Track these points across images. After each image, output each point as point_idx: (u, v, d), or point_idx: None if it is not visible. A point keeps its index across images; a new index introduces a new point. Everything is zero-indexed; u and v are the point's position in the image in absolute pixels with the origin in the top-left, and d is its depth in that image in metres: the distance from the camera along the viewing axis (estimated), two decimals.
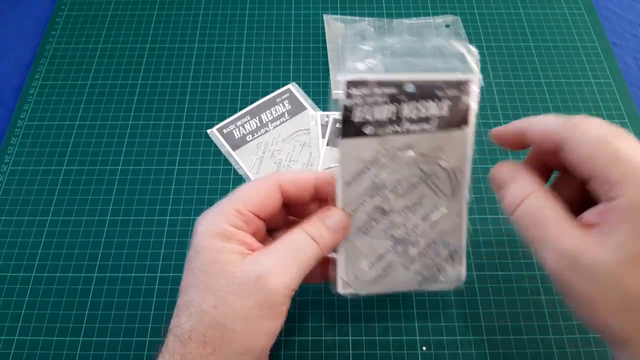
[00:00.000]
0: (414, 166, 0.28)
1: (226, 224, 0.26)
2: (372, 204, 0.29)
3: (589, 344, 0.35)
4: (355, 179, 0.28)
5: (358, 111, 0.27)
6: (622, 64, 0.49)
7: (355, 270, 0.29)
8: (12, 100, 0.47)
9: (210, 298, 0.24)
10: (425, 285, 0.30)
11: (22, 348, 0.35)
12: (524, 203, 0.25)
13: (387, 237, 0.29)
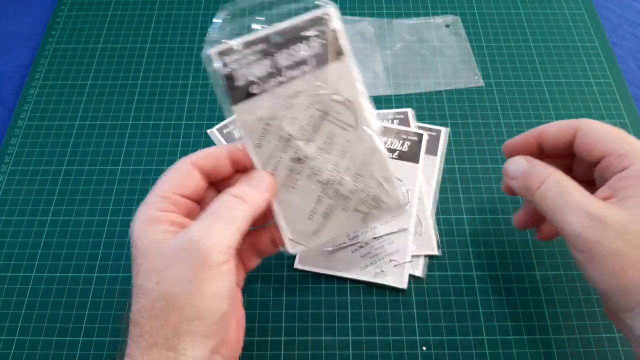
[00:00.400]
0: (311, 108, 0.29)
1: (153, 210, 0.26)
2: (288, 157, 0.29)
3: (589, 344, 0.35)
4: (262, 140, 0.29)
5: (238, 75, 0.28)
6: (622, 64, 0.49)
7: (297, 226, 0.30)
8: (12, 100, 0.47)
9: (152, 276, 0.25)
10: (369, 220, 0.30)
11: (22, 348, 0.35)
12: (549, 178, 0.27)
13: (314, 184, 0.29)
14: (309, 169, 0.29)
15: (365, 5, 0.53)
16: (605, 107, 0.46)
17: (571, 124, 0.29)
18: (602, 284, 0.25)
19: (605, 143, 0.27)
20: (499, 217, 0.40)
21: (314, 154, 0.29)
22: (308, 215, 0.30)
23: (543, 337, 0.35)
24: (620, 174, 0.26)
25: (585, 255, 0.25)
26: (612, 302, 0.26)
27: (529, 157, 0.29)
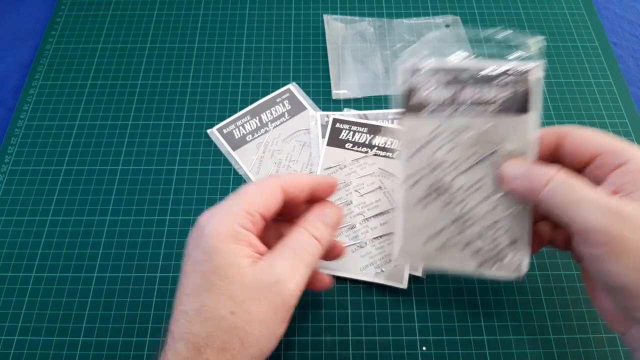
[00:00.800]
0: (474, 147, 0.29)
1: (237, 225, 0.26)
2: (431, 180, 0.30)
3: (589, 344, 0.35)
4: (414, 155, 0.30)
5: (416, 94, 0.30)
6: (622, 64, 0.49)
7: (412, 243, 0.31)
8: (12, 100, 0.47)
9: (228, 303, 0.24)
10: (482, 269, 0.30)
11: (22, 348, 0.35)
12: (557, 176, 0.26)
13: (445, 214, 0.30)
14: (447, 198, 0.30)
15: (365, 5, 0.53)
16: (605, 107, 0.46)
17: (556, 129, 0.29)
18: (623, 278, 0.24)
19: (597, 142, 0.27)
20: None
21: (458, 188, 0.30)
22: (426, 239, 0.30)
23: (543, 337, 0.35)
24: (620, 170, 0.26)
25: (605, 249, 0.24)
26: (627, 299, 0.25)
27: (528, 161, 0.29)
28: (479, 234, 0.30)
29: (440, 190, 0.30)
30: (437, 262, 0.30)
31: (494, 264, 0.30)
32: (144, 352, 0.35)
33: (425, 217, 0.30)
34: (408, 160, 0.30)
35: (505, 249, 0.30)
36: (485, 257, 0.30)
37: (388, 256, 0.37)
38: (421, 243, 0.30)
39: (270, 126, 0.45)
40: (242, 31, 0.51)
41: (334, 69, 0.48)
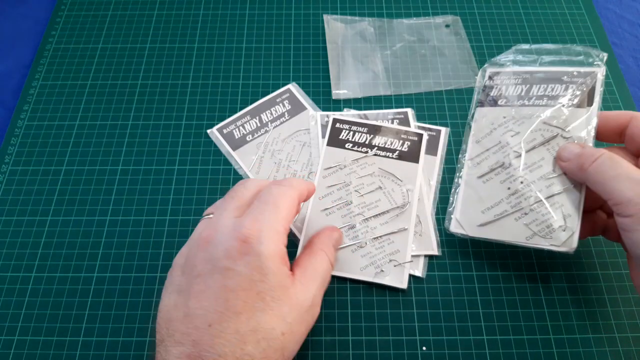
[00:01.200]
0: (537, 132, 0.34)
1: (283, 245, 0.27)
2: (495, 159, 0.35)
3: (589, 344, 0.35)
4: (483, 138, 0.36)
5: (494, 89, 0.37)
6: (622, 64, 0.49)
7: (469, 212, 0.35)
8: (12, 100, 0.47)
9: (281, 325, 0.25)
10: (533, 240, 0.32)
11: (22, 348, 0.35)
12: (603, 155, 0.29)
13: (504, 189, 0.34)
14: (507, 175, 0.34)
15: (365, 5, 0.53)
16: (605, 107, 0.46)
17: (628, 113, 0.32)
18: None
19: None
20: None
21: (518, 165, 0.34)
22: (483, 209, 0.34)
23: (543, 337, 0.35)
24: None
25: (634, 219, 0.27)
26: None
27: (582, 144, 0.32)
28: (534, 208, 0.32)
29: (502, 167, 0.34)
30: (490, 232, 0.33)
31: (545, 236, 0.32)
32: (144, 352, 0.35)
33: (485, 190, 0.34)
34: (477, 143, 0.36)
35: (557, 223, 0.32)
36: (537, 229, 0.32)
37: (389, 256, 0.37)
38: (479, 212, 0.34)
39: (270, 126, 0.45)
40: (242, 31, 0.51)
41: (334, 69, 0.48)
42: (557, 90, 0.34)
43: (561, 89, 0.34)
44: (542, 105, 0.34)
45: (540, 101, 0.34)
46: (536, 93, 0.35)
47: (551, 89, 0.34)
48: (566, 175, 0.33)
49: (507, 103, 0.35)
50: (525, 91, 0.35)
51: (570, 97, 0.34)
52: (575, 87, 0.34)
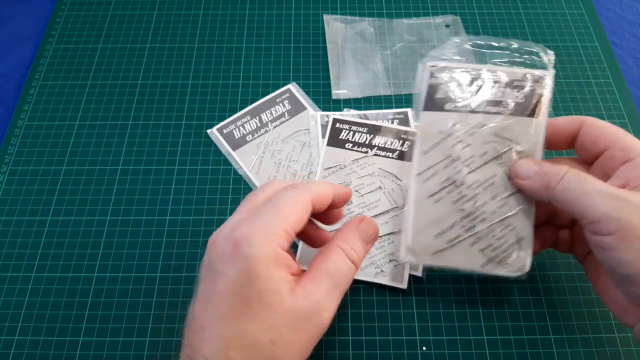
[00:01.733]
0: (489, 145, 0.31)
1: (277, 246, 0.25)
2: (445, 175, 0.31)
3: (589, 344, 0.35)
4: (431, 150, 0.31)
5: (440, 89, 0.32)
6: (622, 64, 0.49)
7: (421, 238, 0.31)
8: (12, 100, 0.47)
9: (269, 333, 0.24)
10: (488, 267, 0.30)
11: (22, 348, 0.35)
12: (569, 172, 0.28)
13: (456, 210, 0.30)
14: (458, 195, 0.30)
15: (365, 5, 0.53)
16: (605, 107, 0.46)
17: (577, 118, 0.31)
18: (634, 264, 0.25)
19: (609, 135, 0.29)
20: None
21: (470, 183, 0.30)
22: (436, 234, 0.30)
23: (543, 337, 0.35)
24: (629, 164, 0.27)
25: (617, 236, 0.25)
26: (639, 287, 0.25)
27: (538, 160, 0.30)
28: (488, 232, 0.30)
29: (452, 185, 0.30)
30: (444, 259, 0.30)
31: (500, 262, 0.30)
32: (144, 352, 0.35)
33: (437, 212, 0.31)
34: (424, 154, 0.31)
35: (511, 247, 0.30)
36: (492, 255, 0.30)
37: (389, 256, 0.37)
38: (431, 238, 0.31)
39: (270, 126, 0.45)
40: (242, 31, 0.51)
41: (334, 69, 0.48)
42: (508, 95, 0.31)
43: (512, 94, 0.31)
44: (493, 112, 0.31)
45: (491, 108, 0.31)
46: (485, 98, 0.31)
47: (502, 93, 0.31)
48: (520, 193, 0.30)
49: (456, 108, 0.31)
50: (474, 94, 0.31)
51: (521, 105, 0.31)
52: (525, 93, 0.31)
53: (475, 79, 0.32)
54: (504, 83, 0.31)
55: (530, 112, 0.31)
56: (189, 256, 0.38)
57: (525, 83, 0.31)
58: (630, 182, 0.27)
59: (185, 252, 0.39)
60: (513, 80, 0.31)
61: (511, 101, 0.31)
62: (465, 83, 0.31)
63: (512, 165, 0.30)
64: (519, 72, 0.31)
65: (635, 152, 0.28)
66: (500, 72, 0.32)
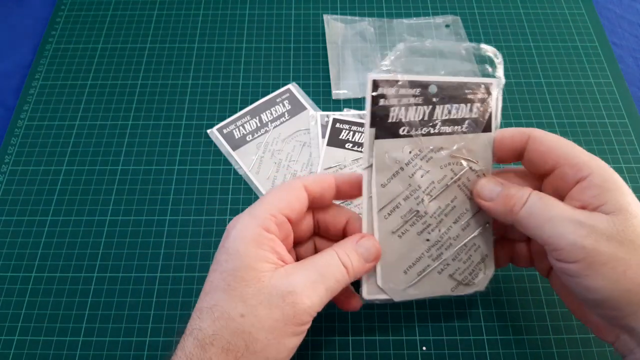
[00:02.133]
0: (446, 167, 0.29)
1: (260, 228, 0.26)
2: (408, 207, 0.29)
3: (589, 344, 0.35)
4: (389, 181, 0.28)
5: (392, 112, 0.28)
6: (622, 64, 0.49)
7: (391, 276, 0.29)
8: (12, 100, 0.47)
9: (239, 305, 0.24)
10: (458, 290, 0.30)
11: (22, 348, 0.35)
12: (532, 196, 0.26)
13: (422, 241, 0.29)
14: (423, 225, 0.29)
15: (365, 5, 0.53)
16: (605, 107, 0.46)
17: (523, 132, 0.28)
18: (602, 291, 0.24)
19: (558, 151, 0.27)
20: None
21: (433, 212, 0.29)
22: (405, 269, 0.29)
23: (543, 337, 0.35)
24: (582, 184, 0.26)
25: (583, 264, 0.24)
26: (611, 310, 0.25)
27: (499, 180, 0.29)
28: (454, 256, 0.29)
29: (416, 217, 0.29)
30: (416, 292, 0.29)
31: (468, 283, 0.30)
32: (144, 352, 0.35)
33: (403, 247, 0.29)
34: (383, 187, 0.28)
35: (477, 267, 0.30)
36: (461, 278, 0.30)
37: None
38: (401, 274, 0.29)
39: (270, 126, 0.45)
40: (242, 31, 0.51)
41: (334, 69, 0.48)
42: (462, 112, 0.28)
43: (466, 110, 0.28)
44: (449, 133, 0.28)
45: (447, 128, 0.28)
46: (440, 117, 0.28)
47: (456, 110, 0.28)
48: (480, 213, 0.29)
49: (410, 132, 0.28)
50: (428, 115, 0.28)
51: (474, 120, 0.29)
52: (478, 106, 0.29)
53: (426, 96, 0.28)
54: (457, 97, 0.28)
55: (485, 128, 0.29)
56: (189, 256, 0.38)
57: (475, 95, 0.29)
58: (589, 203, 0.25)
59: (185, 252, 0.39)
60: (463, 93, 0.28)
61: (464, 118, 0.29)
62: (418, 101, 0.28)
63: (473, 185, 0.29)
64: (468, 83, 0.28)
65: (588, 169, 0.26)
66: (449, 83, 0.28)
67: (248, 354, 0.24)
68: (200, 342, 0.24)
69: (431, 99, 0.28)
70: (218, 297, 0.25)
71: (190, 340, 0.24)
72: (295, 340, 0.26)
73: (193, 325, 0.25)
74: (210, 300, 0.25)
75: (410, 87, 0.28)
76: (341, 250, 0.27)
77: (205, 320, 0.24)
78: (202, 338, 0.24)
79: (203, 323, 0.24)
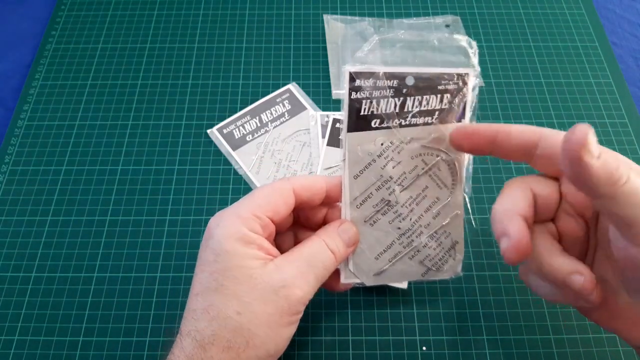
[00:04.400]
0: (418, 158, 0.29)
1: (245, 228, 0.26)
2: (379, 197, 0.30)
3: (589, 344, 0.35)
4: (362, 172, 0.29)
5: (367, 105, 0.28)
6: (622, 64, 0.49)
7: (362, 261, 0.30)
8: (12, 100, 0.47)
9: (234, 303, 0.25)
10: (428, 275, 0.31)
11: (22, 348, 0.35)
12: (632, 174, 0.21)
13: (393, 229, 0.30)
14: (394, 214, 0.30)
15: (365, 5, 0.53)
16: (605, 107, 0.46)
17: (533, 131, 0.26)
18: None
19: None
20: None
21: (404, 201, 0.30)
22: (377, 255, 0.30)
23: (543, 337, 0.35)
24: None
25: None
26: None
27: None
28: (425, 243, 0.30)
29: (387, 206, 0.30)
30: (387, 277, 0.30)
31: (438, 269, 0.31)
32: (144, 352, 0.35)
33: (374, 236, 0.30)
34: (355, 179, 0.29)
35: (447, 253, 0.30)
36: (430, 264, 0.30)
37: None
38: (372, 261, 0.30)
39: (270, 126, 0.45)
40: (242, 31, 0.51)
41: (334, 69, 0.48)
42: (433, 103, 0.29)
43: (437, 101, 0.29)
44: (421, 124, 0.29)
45: (417, 119, 0.29)
46: (412, 109, 0.29)
47: (426, 102, 0.29)
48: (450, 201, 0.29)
49: (382, 124, 0.29)
50: (399, 106, 0.28)
51: (447, 111, 0.29)
52: (450, 97, 0.29)
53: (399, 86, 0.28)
54: (428, 87, 0.28)
55: (459, 117, 0.29)
56: (189, 256, 0.38)
57: (450, 85, 0.29)
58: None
59: (185, 252, 0.39)
60: (437, 82, 0.28)
61: (435, 109, 0.29)
62: (390, 93, 0.28)
63: (572, 133, 0.20)
64: (442, 73, 0.28)
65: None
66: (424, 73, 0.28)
67: (249, 349, 0.24)
68: (199, 343, 0.24)
69: (403, 91, 0.28)
70: (212, 298, 0.25)
71: (189, 341, 0.25)
72: (291, 329, 0.26)
73: (189, 327, 0.25)
74: (204, 301, 0.25)
75: (387, 79, 0.28)
76: (327, 237, 0.28)
77: (202, 322, 0.25)
78: (201, 339, 0.24)
79: (199, 324, 0.25)
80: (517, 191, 0.26)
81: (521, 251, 0.24)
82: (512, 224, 0.24)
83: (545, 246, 0.25)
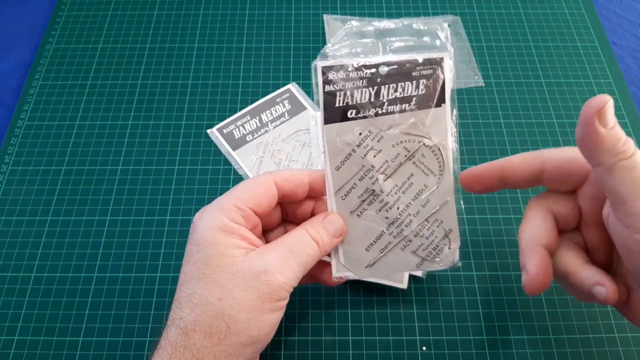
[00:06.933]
0: (399, 145, 0.29)
1: (226, 219, 0.26)
2: (363, 187, 0.29)
3: (589, 344, 0.35)
4: (343, 164, 0.29)
5: (340, 96, 0.29)
6: (622, 64, 0.49)
7: (352, 254, 0.30)
8: (12, 100, 0.47)
9: (216, 290, 0.25)
10: (423, 266, 0.30)
11: (22, 348, 0.35)
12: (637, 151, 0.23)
13: (381, 219, 0.30)
14: (380, 203, 0.30)
15: (365, 5, 0.53)
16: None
17: (533, 156, 0.28)
18: None
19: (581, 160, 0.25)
20: (499, 217, 0.40)
21: (389, 190, 0.29)
22: (366, 246, 0.30)
23: (543, 337, 0.35)
24: None
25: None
26: None
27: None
28: (416, 232, 0.30)
29: (372, 196, 0.30)
30: (380, 269, 0.30)
31: (433, 259, 0.30)
32: (144, 352, 0.35)
33: (362, 227, 0.30)
34: (337, 171, 0.29)
35: (441, 242, 0.30)
36: (424, 254, 0.30)
37: None
38: (362, 252, 0.30)
39: (270, 126, 0.45)
40: (242, 31, 0.51)
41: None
42: (409, 89, 0.29)
43: (412, 88, 0.29)
44: (397, 111, 0.29)
45: (394, 107, 0.29)
46: (387, 96, 0.29)
47: (402, 89, 0.29)
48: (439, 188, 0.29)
49: (359, 114, 0.29)
50: (374, 95, 0.29)
51: (424, 96, 0.29)
52: (426, 82, 0.28)
53: (372, 77, 0.29)
54: (403, 74, 0.29)
55: (436, 102, 0.29)
56: None
57: (425, 70, 0.29)
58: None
59: (185, 252, 0.39)
60: (411, 69, 0.29)
61: (413, 94, 0.29)
62: (363, 83, 0.29)
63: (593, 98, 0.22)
64: (417, 59, 0.28)
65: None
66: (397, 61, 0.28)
67: (230, 335, 0.25)
68: (182, 330, 0.25)
69: (377, 80, 0.29)
70: (195, 286, 0.25)
71: (173, 329, 0.25)
72: (275, 316, 0.26)
73: (173, 315, 0.26)
74: (187, 289, 0.26)
75: (359, 70, 0.28)
76: (310, 226, 0.28)
77: (185, 309, 0.25)
78: (183, 326, 0.25)
79: (183, 312, 0.25)
80: (537, 219, 0.28)
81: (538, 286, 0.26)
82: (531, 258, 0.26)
83: (570, 259, 0.27)
